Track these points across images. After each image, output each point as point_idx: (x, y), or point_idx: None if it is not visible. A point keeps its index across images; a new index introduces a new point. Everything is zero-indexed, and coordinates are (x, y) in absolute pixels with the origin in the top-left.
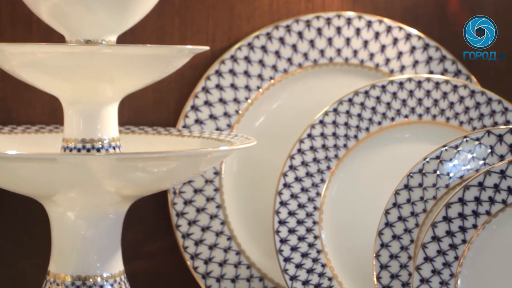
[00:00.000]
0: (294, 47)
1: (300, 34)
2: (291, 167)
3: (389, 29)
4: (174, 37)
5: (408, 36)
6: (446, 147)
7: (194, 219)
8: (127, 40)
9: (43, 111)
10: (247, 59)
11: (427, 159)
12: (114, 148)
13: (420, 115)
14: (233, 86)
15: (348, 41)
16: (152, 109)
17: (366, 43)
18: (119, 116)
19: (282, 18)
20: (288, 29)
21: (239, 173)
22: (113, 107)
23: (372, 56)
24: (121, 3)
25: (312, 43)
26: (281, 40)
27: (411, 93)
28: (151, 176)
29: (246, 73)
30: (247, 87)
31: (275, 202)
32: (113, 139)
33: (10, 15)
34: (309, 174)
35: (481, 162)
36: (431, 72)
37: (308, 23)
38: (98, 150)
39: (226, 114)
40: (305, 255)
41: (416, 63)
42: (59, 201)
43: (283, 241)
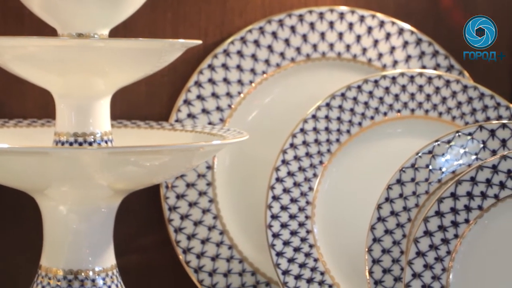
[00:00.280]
0: (286, 41)
1: (292, 28)
2: (284, 162)
3: (381, 24)
4: (166, 31)
5: (400, 31)
6: (438, 142)
7: (186, 213)
8: (120, 34)
9: (35, 105)
10: (240, 53)
11: (419, 154)
12: (106, 142)
13: (412, 110)
14: (226, 80)
15: (340, 35)
16: (144, 103)
17: (358, 38)
18: (112, 110)
19: (274, 12)
20: (280, 23)
21: (232, 168)
22: (105, 101)
23: (364, 50)
24: None
25: (304, 37)
26: (274, 34)
27: (404, 88)
28: (143, 170)
29: (238, 67)
30: (240, 82)
31: (267, 196)
32: (105, 133)
33: (1, 8)
34: (301, 168)
35: (474, 157)
36: (424, 67)
37: (300, 18)
38: (90, 144)
39: (218, 108)
40: (297, 250)
41: (408, 58)
42: (51, 195)
43: (276, 235)
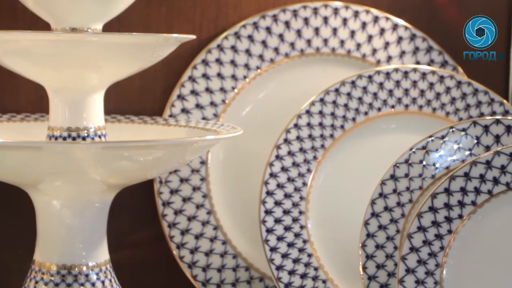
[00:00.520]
0: (281, 36)
1: (287, 23)
2: (278, 157)
3: (376, 19)
4: (160, 26)
5: (395, 26)
6: (432, 138)
7: (180, 209)
8: (113, 28)
9: (29, 100)
10: (234, 48)
11: (413, 150)
12: (99, 136)
13: (406, 106)
14: (220, 75)
15: (335, 31)
16: (138, 98)
17: (353, 33)
18: (105, 105)
19: (269, 7)
20: (275, 18)
21: (226, 163)
22: (98, 95)
23: (359, 46)
24: None
25: (299, 33)
26: (268, 29)
27: (398, 83)
28: (136, 165)
29: (232, 62)
30: (234, 77)
31: (261, 191)
32: (99, 127)
33: None
34: (295, 164)
35: (467, 152)
36: (418, 62)
37: (295, 13)
38: (83, 138)
39: (212, 103)
40: (291, 245)
41: (403, 53)
42: (44, 189)
43: (269, 230)
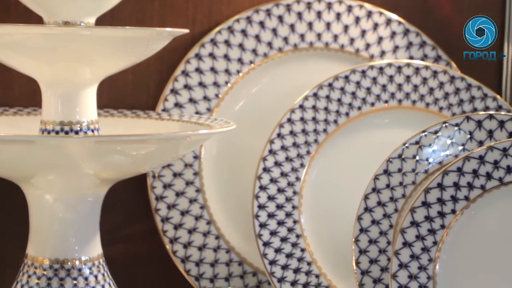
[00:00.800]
0: (274, 31)
1: (280, 18)
2: (271, 152)
3: (369, 14)
4: (153, 20)
5: (388, 21)
6: (425, 133)
7: (173, 203)
8: (106, 22)
9: (21, 93)
10: (227, 42)
11: (406, 145)
12: (92, 130)
13: (400, 101)
14: (213, 69)
15: (328, 25)
16: (131, 92)
17: (346, 28)
18: (98, 99)
19: (262, 2)
20: (268, 13)
21: (219, 157)
22: (91, 89)
23: (352, 41)
24: None
25: (292, 27)
26: (261, 24)
27: (391, 78)
28: (130, 159)
29: (226, 56)
30: (227, 71)
31: (254, 186)
32: (92, 121)
33: None
34: (288, 158)
35: (460, 147)
36: (411, 57)
37: (288, 7)
38: (76, 132)
39: (205, 98)
40: (284, 240)
41: (396, 48)
42: (37, 183)
43: (263, 225)
